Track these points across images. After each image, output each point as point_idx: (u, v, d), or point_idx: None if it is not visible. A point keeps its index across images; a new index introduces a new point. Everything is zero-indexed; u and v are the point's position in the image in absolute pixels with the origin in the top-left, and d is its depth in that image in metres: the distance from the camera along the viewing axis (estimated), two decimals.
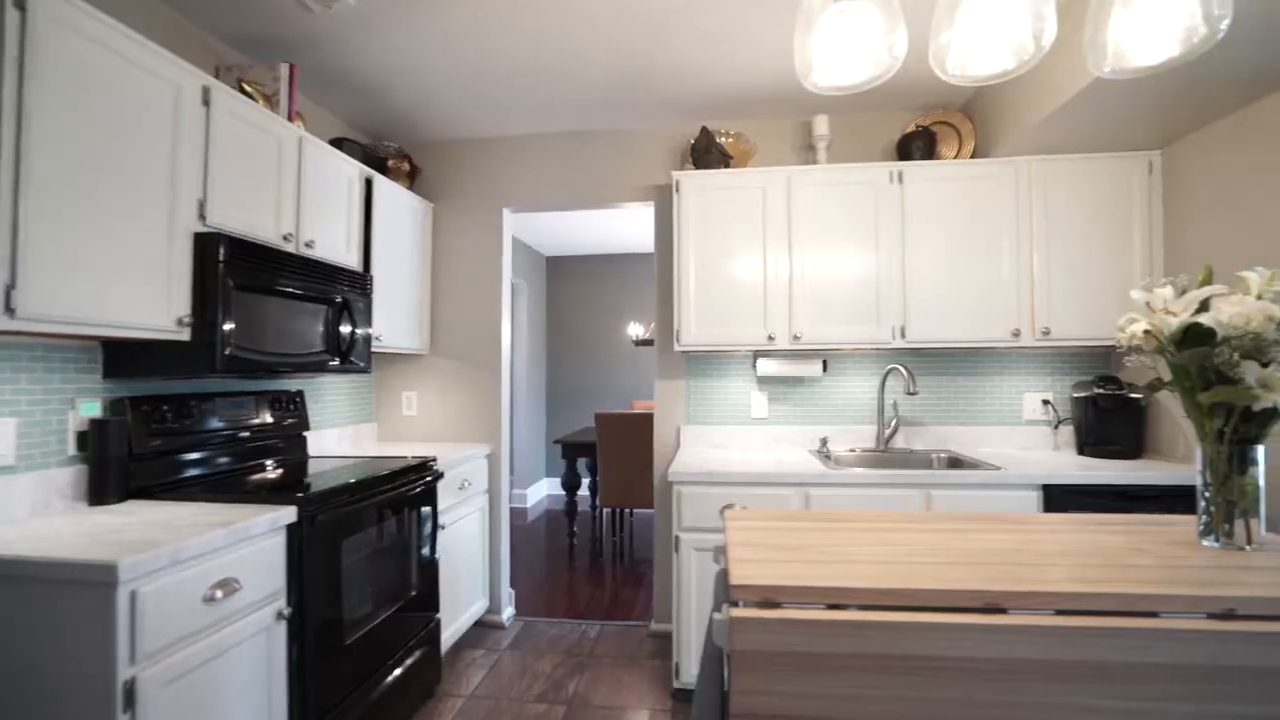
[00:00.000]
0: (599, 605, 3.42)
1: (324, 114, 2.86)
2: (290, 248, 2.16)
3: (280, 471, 2.22)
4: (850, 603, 0.95)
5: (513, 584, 3.39)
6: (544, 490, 6.39)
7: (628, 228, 5.31)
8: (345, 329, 2.41)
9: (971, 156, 2.72)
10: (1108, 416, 2.50)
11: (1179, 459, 2.40)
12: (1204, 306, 1.12)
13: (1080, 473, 2.20)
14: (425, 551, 2.43)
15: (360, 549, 2.01)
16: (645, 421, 3.92)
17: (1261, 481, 1.15)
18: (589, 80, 2.63)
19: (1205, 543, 1.18)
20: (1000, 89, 2.50)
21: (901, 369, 2.58)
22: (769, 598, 0.97)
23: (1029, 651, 0.90)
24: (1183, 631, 0.89)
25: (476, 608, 3.01)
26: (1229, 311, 1.11)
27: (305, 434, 2.56)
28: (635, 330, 6.25)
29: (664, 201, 3.03)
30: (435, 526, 2.50)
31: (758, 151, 2.97)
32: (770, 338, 2.59)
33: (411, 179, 3.15)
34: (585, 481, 5.80)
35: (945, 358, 2.86)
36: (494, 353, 3.22)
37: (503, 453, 3.19)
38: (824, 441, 2.82)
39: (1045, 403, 2.80)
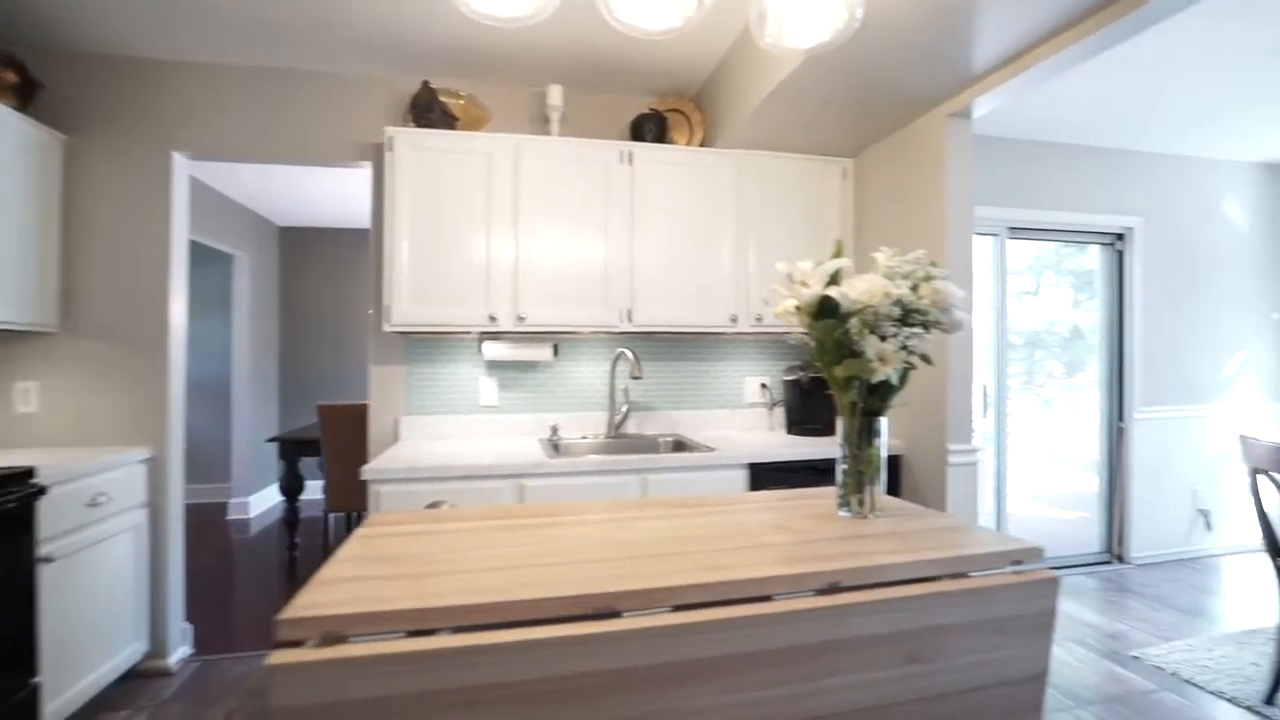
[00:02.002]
0: None
1: None
2: None
3: None
4: (438, 625, 0.76)
5: (192, 617, 2.75)
6: (275, 496, 5.50)
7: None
8: None
9: (700, 146, 2.78)
10: (808, 398, 2.73)
11: None
12: (835, 280, 1.13)
13: (780, 451, 2.33)
14: (9, 597, 1.79)
15: None
16: None
17: (884, 453, 1.21)
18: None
19: (841, 513, 1.22)
20: (722, 80, 2.57)
21: (628, 353, 2.55)
22: (332, 631, 0.74)
23: (639, 657, 0.79)
24: (790, 613, 0.85)
25: (126, 655, 2.36)
26: (859, 288, 1.14)
27: None
28: None
29: (382, 163, 2.65)
30: (33, 561, 1.87)
31: (492, 118, 2.73)
32: (492, 318, 2.37)
33: (24, 96, 2.35)
34: (320, 484, 5.08)
35: (674, 343, 2.90)
36: (159, 333, 2.56)
37: (170, 457, 2.55)
38: (554, 429, 2.69)
39: (763, 386, 2.99)
